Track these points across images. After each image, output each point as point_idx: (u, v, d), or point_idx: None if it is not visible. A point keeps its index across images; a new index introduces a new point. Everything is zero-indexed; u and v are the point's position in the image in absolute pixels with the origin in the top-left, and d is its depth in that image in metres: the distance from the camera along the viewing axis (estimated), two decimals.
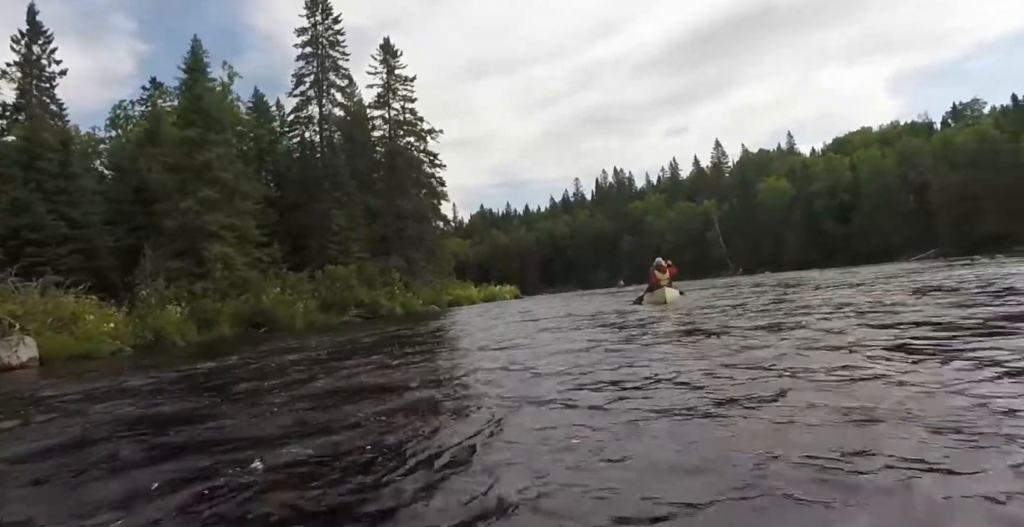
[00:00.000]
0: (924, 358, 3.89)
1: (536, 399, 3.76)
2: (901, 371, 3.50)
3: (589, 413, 3.22)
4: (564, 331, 9.29)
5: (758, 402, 3.08)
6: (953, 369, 3.48)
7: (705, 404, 3.16)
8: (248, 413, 4.28)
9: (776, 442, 2.37)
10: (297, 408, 4.27)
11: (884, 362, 3.82)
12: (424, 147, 41.44)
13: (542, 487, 2.12)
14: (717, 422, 2.81)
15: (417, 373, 5.69)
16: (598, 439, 2.68)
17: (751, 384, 3.58)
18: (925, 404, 2.74)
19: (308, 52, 40.88)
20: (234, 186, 23.23)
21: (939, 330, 5.12)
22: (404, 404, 4.05)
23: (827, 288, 14.52)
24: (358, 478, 2.45)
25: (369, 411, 3.83)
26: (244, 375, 7.24)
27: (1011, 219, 51.65)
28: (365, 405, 4.08)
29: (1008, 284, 9.88)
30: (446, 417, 3.58)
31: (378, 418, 3.60)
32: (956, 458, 2.04)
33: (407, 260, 36.98)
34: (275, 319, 21.58)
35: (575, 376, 4.53)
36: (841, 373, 3.61)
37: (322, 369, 6.79)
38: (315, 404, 4.37)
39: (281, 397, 4.83)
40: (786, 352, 4.66)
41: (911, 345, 4.44)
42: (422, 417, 3.60)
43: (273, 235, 33.69)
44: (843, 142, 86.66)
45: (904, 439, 2.28)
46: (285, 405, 4.43)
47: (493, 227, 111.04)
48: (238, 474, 2.63)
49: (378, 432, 3.22)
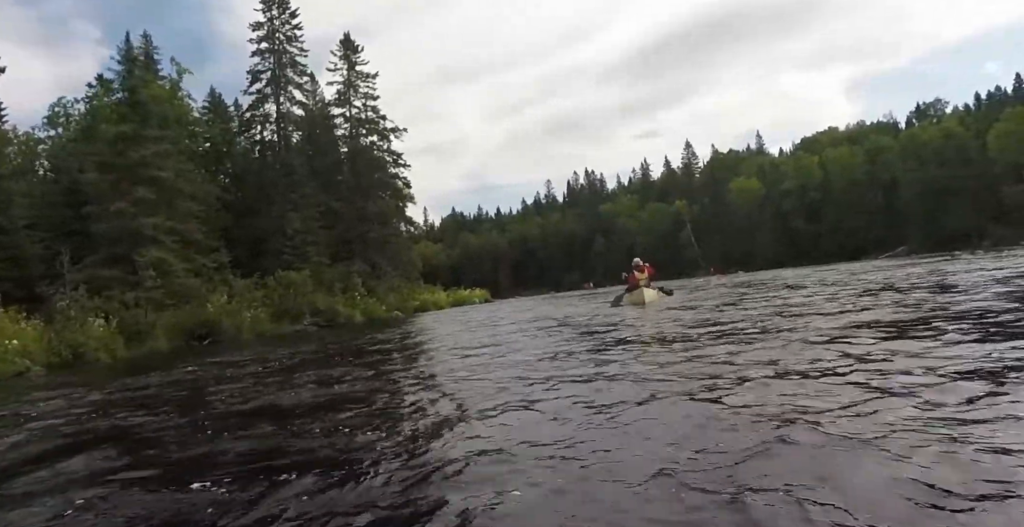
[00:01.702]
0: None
1: (485, 416, 3.48)
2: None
3: (546, 427, 3.05)
4: (530, 339, 8.67)
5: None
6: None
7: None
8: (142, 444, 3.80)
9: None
10: (218, 434, 3.79)
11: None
12: (388, 147, 39.85)
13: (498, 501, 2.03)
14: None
15: (359, 387, 5.41)
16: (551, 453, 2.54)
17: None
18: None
19: (264, 48, 39.06)
20: (174, 186, 21.34)
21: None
22: (336, 423, 3.77)
23: (801, 288, 14.05)
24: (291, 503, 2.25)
25: (297, 431, 3.62)
26: (155, 398, 6.38)
27: (978, 216, 52.20)
28: (299, 424, 3.85)
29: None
30: (382, 440, 3.23)
31: (309, 439, 3.39)
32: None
33: (371, 265, 35.35)
34: (220, 330, 19.88)
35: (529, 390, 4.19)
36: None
37: (256, 386, 6.32)
38: (243, 428, 3.94)
39: (200, 418, 4.42)
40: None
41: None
42: (350, 435, 3.37)
43: (227, 239, 31.98)
44: (811, 142, 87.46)
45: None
46: (201, 429, 3.98)
47: (464, 230, 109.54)
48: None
49: (306, 455, 3.00)
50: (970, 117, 62.64)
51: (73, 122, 34.18)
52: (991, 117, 57.00)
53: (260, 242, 32.03)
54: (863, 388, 3.02)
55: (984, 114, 60.84)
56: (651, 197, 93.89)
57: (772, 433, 2.38)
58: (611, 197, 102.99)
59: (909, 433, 2.23)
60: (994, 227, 50.54)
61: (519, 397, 3.86)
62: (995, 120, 54.41)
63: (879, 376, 3.25)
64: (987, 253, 24.36)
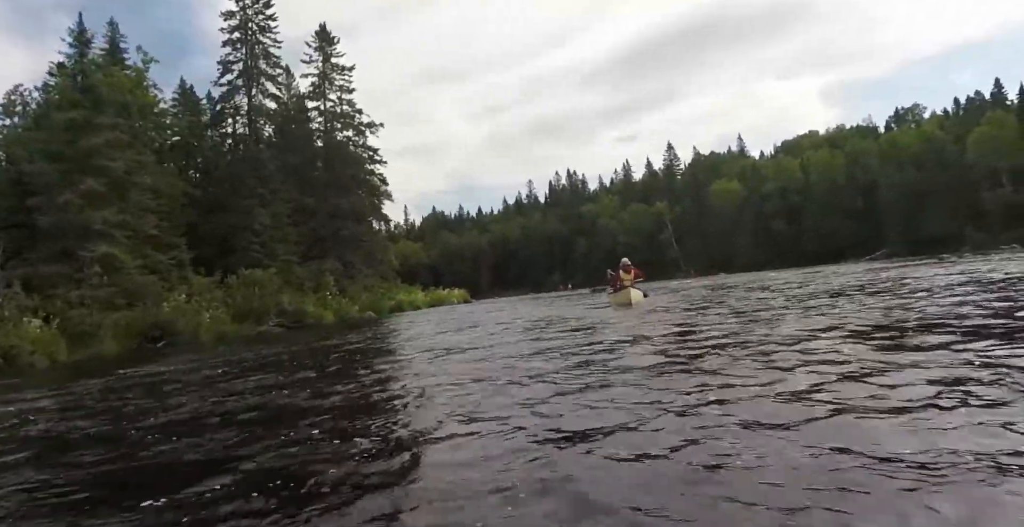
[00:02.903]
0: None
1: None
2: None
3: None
4: (503, 344, 8.11)
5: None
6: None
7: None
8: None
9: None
10: (140, 446, 3.54)
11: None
12: (364, 142, 38.65)
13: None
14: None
15: (312, 394, 5.04)
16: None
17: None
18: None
19: (236, 38, 37.63)
20: (127, 178, 19.95)
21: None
22: (276, 434, 3.49)
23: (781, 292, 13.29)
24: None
25: (231, 443, 3.39)
26: (80, 406, 5.86)
27: (957, 219, 52.42)
28: (230, 436, 3.60)
29: None
30: (334, 454, 2.96)
31: (240, 451, 3.14)
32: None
33: (343, 263, 34.14)
34: (175, 331, 18.62)
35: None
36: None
37: (196, 392, 5.96)
38: (167, 439, 3.65)
39: (123, 429, 4.19)
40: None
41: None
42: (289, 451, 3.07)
43: (194, 236, 30.49)
44: (792, 145, 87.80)
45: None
46: (123, 440, 3.78)
47: (445, 230, 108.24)
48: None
49: (235, 474, 2.71)
50: (949, 121, 63.07)
51: (31, 111, 32.51)
52: (970, 122, 57.39)
53: (228, 239, 30.68)
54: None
55: (963, 119, 61.29)
56: (633, 198, 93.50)
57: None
58: (593, 198, 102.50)
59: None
60: (972, 231, 50.76)
61: (480, 424, 3.34)
62: (975, 124, 54.73)
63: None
64: (974, 256, 23.92)
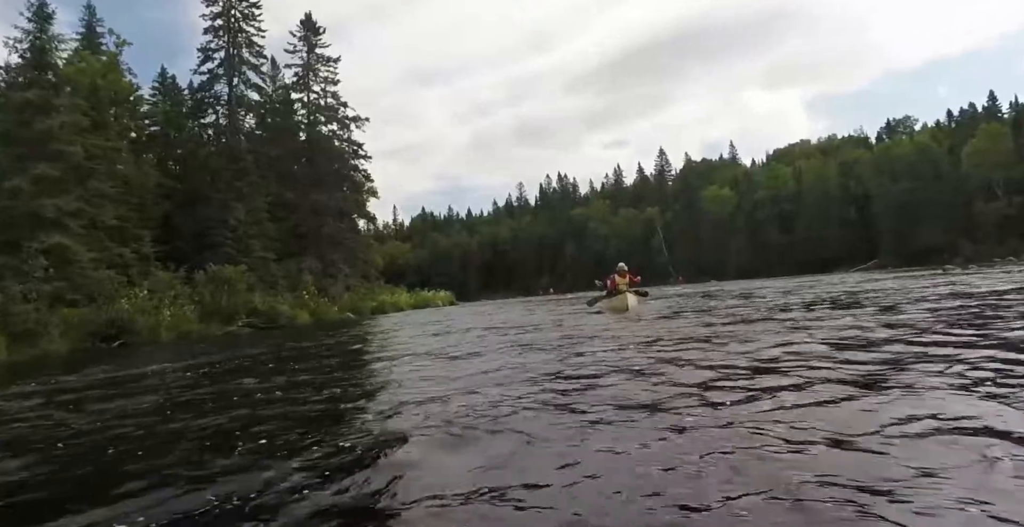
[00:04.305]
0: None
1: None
2: None
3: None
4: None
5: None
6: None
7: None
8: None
9: None
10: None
11: None
12: (348, 136, 37.28)
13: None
14: None
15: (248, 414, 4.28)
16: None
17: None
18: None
19: (218, 25, 36.20)
20: (87, 164, 18.51)
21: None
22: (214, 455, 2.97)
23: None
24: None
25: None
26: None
27: (950, 231, 51.89)
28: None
29: None
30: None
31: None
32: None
33: (324, 262, 32.77)
34: (133, 330, 17.24)
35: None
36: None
37: (129, 402, 5.17)
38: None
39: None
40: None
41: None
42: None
43: (169, 229, 29.03)
44: (784, 153, 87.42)
45: None
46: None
47: (434, 231, 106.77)
48: None
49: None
50: (942, 133, 62.74)
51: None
52: (963, 133, 57.02)
53: (205, 234, 29.25)
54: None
55: (956, 130, 60.97)
56: (624, 203, 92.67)
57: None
58: (583, 201, 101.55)
59: None
60: (965, 243, 50.24)
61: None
62: (969, 136, 54.31)
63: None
64: (979, 268, 23.07)
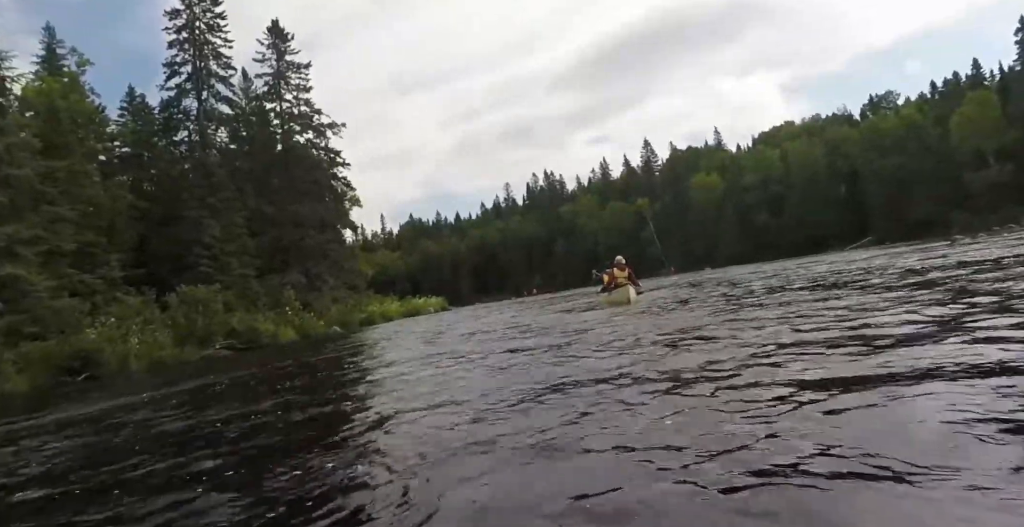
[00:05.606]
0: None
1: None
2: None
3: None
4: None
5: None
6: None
7: None
8: None
9: None
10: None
11: None
12: (325, 144, 36.24)
13: None
14: None
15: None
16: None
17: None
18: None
19: (183, 38, 35.11)
20: (39, 187, 17.41)
21: None
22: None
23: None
24: None
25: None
26: None
27: (942, 204, 51.33)
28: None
29: None
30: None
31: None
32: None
33: (308, 275, 31.71)
34: (100, 361, 16.16)
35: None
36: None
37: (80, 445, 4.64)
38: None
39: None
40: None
41: None
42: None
43: (143, 252, 27.98)
44: (769, 136, 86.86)
45: None
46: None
47: (424, 237, 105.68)
48: None
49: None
50: (928, 105, 62.26)
51: None
52: (948, 105, 56.50)
53: (182, 255, 28.16)
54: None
55: (941, 102, 60.48)
56: (612, 197, 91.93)
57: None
58: (571, 198, 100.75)
59: None
60: (958, 214, 49.66)
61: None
62: (956, 106, 53.77)
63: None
64: (990, 237, 22.26)
